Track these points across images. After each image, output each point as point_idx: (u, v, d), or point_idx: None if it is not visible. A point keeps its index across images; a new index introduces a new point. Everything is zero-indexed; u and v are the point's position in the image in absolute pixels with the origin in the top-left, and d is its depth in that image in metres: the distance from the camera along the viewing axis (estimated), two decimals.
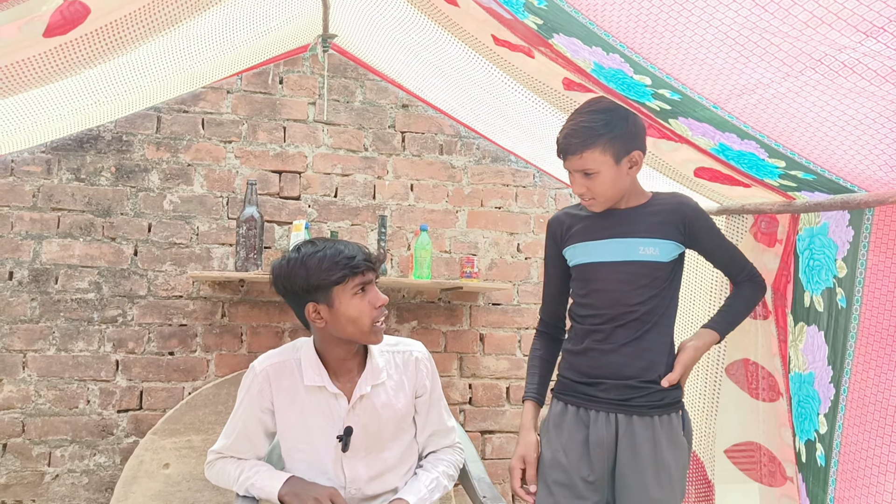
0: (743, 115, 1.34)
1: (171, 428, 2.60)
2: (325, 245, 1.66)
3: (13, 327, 2.64)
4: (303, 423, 1.74)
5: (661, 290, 1.69)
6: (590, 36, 1.32)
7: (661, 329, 1.70)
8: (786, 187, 1.68)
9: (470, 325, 3.04)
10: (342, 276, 1.62)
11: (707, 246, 1.75)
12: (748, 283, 1.77)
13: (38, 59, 1.50)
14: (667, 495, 1.63)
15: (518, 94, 2.09)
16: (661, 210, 1.71)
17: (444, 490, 1.83)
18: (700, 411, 2.10)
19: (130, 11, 1.53)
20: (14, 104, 1.86)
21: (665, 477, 1.63)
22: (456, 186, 3.07)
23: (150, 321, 2.75)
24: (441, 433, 1.90)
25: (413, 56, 2.39)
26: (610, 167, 1.61)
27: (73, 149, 2.73)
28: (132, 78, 2.16)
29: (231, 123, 2.88)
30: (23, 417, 2.62)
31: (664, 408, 1.66)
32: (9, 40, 1.35)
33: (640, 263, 1.67)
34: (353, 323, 1.64)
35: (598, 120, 1.59)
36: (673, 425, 1.67)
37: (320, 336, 1.72)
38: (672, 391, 1.67)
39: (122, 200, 2.76)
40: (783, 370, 1.86)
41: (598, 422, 1.68)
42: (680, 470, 1.66)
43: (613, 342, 1.69)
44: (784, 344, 1.83)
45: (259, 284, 2.83)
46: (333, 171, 2.96)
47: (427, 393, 1.84)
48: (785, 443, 1.88)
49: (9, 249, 2.65)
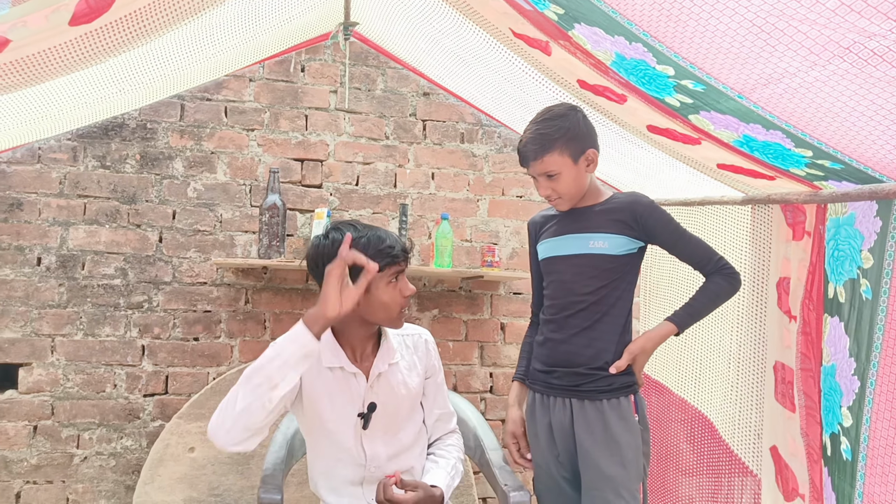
0: (769, 104, 1.32)
1: (195, 412, 2.64)
2: (367, 231, 1.69)
3: (42, 312, 2.69)
4: (324, 402, 1.76)
5: (610, 282, 1.82)
6: (612, 25, 1.31)
7: (610, 319, 1.83)
8: (812, 177, 1.65)
9: (491, 314, 3.04)
10: (384, 265, 1.65)
11: (666, 240, 1.85)
12: (716, 274, 1.83)
13: (64, 47, 1.52)
14: (620, 472, 1.76)
15: (539, 84, 2.08)
16: (614, 207, 1.85)
17: (460, 475, 1.89)
18: (745, 406, 2.09)
19: (154, 0, 1.54)
20: (41, 92, 1.89)
21: (617, 456, 1.77)
22: (477, 175, 3.06)
23: (176, 307, 2.79)
24: (445, 417, 1.95)
25: (434, 44, 2.38)
26: (569, 167, 1.78)
27: (98, 136, 2.77)
28: (156, 66, 2.18)
29: (253, 111, 2.89)
30: (52, 400, 2.68)
31: (612, 392, 1.80)
32: (36, 29, 1.37)
33: (589, 256, 1.82)
34: (384, 308, 1.70)
35: (552, 126, 1.77)
36: (622, 407, 1.80)
37: (346, 317, 1.73)
38: (621, 377, 1.80)
39: (147, 188, 2.79)
40: (802, 364, 1.83)
41: (556, 407, 1.85)
42: (633, 450, 1.78)
43: (565, 332, 1.85)
44: (805, 337, 1.80)
45: (281, 272, 2.86)
46: (355, 159, 2.97)
47: (435, 374, 1.91)
48: (798, 457, 1.84)
49: (37, 236, 2.70)
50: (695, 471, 2.39)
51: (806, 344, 1.81)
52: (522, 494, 1.93)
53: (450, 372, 2.98)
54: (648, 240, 1.85)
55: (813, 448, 1.77)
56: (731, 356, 2.17)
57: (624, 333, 1.85)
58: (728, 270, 1.82)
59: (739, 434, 2.13)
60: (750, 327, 2.09)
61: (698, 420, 2.38)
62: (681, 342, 2.49)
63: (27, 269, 2.68)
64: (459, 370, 3.00)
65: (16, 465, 2.64)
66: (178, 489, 2.58)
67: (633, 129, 1.98)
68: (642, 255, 1.87)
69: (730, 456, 2.17)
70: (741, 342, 2.12)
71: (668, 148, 1.98)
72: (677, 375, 2.55)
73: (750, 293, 2.08)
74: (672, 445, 2.58)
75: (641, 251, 1.86)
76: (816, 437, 1.76)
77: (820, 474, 1.73)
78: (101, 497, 2.69)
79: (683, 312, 1.83)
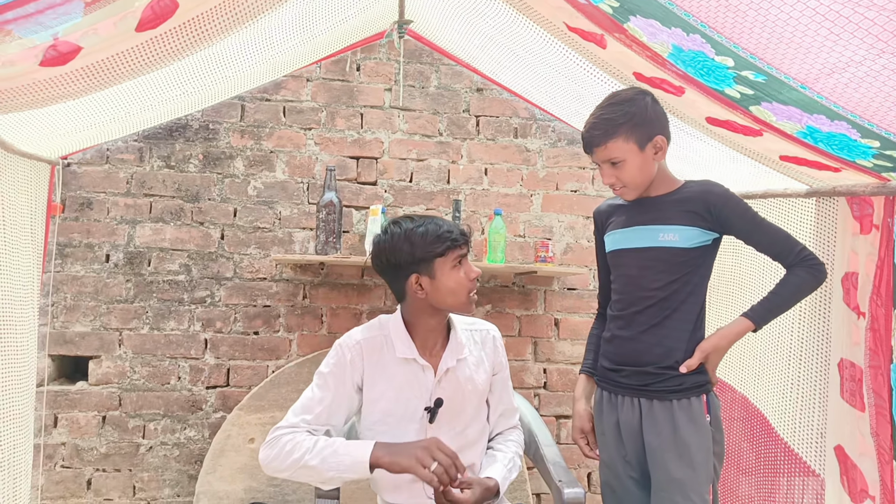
0: (833, 94, 1.28)
1: (255, 404, 2.71)
2: (425, 220, 1.73)
3: (110, 307, 2.80)
4: (391, 396, 1.76)
5: (681, 277, 1.74)
6: (669, 17, 1.29)
7: (681, 316, 1.76)
8: (880, 168, 1.60)
9: (545, 310, 3.03)
10: (445, 249, 1.69)
11: (742, 230, 1.76)
12: (798, 266, 1.72)
13: (131, 52, 1.58)
14: (688, 475, 1.70)
15: (594, 77, 2.06)
16: (686, 197, 1.76)
17: (518, 470, 1.88)
18: (806, 405, 2.03)
19: (216, 5, 1.58)
20: (109, 96, 1.97)
21: (686, 458, 1.71)
22: (530, 170, 3.05)
23: (236, 302, 2.87)
24: (508, 413, 1.95)
25: (488, 40, 2.38)
26: (635, 154, 1.71)
27: (163, 137, 2.86)
28: (217, 68, 2.24)
29: (311, 111, 2.94)
30: (119, 392, 2.79)
31: (682, 392, 1.73)
32: (106, 36, 1.42)
33: (659, 249, 1.75)
34: (452, 294, 1.72)
35: (617, 111, 1.69)
36: (693, 408, 1.73)
37: (416, 308, 1.77)
38: (692, 376, 1.73)
39: (209, 186, 2.88)
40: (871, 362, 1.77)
41: (625, 406, 1.81)
42: (703, 451, 1.71)
43: (633, 329, 1.79)
44: (874, 334, 1.74)
45: (338, 267, 2.91)
46: (409, 156, 2.99)
47: (502, 370, 1.91)
48: (869, 456, 1.77)
49: (106, 234, 2.81)
50: (754, 470, 2.34)
51: (875, 341, 1.74)
52: (577, 491, 1.92)
53: None
54: (723, 231, 1.76)
55: (884, 448, 1.71)
56: (793, 353, 2.10)
57: (696, 330, 1.77)
58: (812, 262, 1.71)
59: (801, 433, 2.07)
60: (813, 324, 2.02)
61: (757, 418, 2.33)
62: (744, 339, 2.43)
63: (96, 266, 2.80)
64: (513, 366, 2.99)
65: (87, 453, 2.75)
66: (238, 479, 2.66)
67: (692, 121, 1.94)
68: (717, 247, 1.79)
69: (789, 455, 2.12)
70: (803, 339, 2.05)
71: (728, 140, 1.94)
72: (739, 372, 2.49)
73: None
74: (734, 444, 2.53)
75: (716, 243, 1.78)
76: (887, 437, 1.69)
77: (892, 475, 1.67)
78: (166, 486, 2.79)
79: (761, 308, 1.73)
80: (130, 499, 2.76)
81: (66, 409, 2.75)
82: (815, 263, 1.72)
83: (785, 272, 1.75)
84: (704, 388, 1.75)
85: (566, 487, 1.93)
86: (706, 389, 1.75)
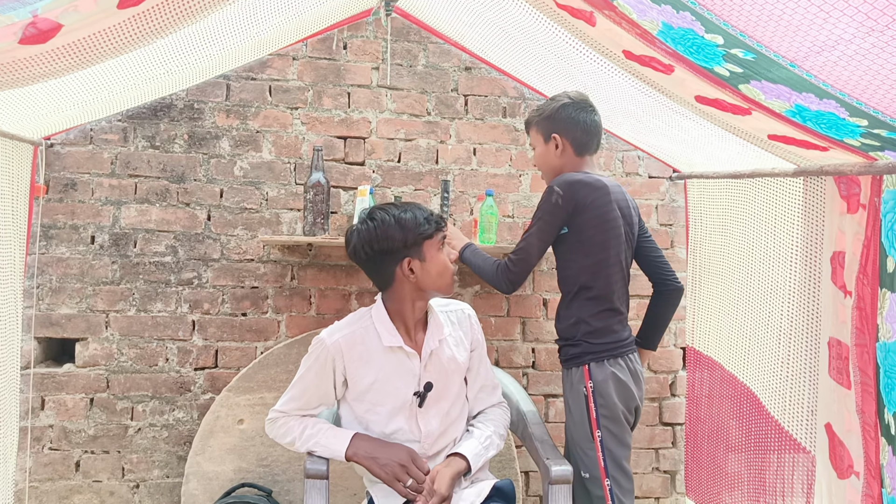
0: (822, 73, 1.28)
1: (244, 385, 2.71)
2: (406, 206, 1.79)
3: (96, 289, 2.78)
4: (379, 386, 1.79)
5: (559, 262, 2.14)
6: None
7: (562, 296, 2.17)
8: (868, 147, 1.60)
9: (533, 290, 3.03)
10: (433, 230, 1.77)
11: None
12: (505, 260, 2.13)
13: (113, 29, 1.55)
14: (570, 427, 2.09)
15: (583, 55, 2.05)
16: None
17: (496, 448, 1.92)
18: (797, 383, 2.05)
19: None
20: (92, 75, 1.93)
21: (569, 417, 2.09)
22: (519, 150, 3.04)
23: (224, 283, 2.85)
24: (488, 388, 1.99)
25: (476, 17, 2.36)
26: (541, 144, 2.16)
27: (147, 117, 2.82)
28: (201, 46, 2.21)
29: (297, 90, 2.91)
30: (107, 374, 2.78)
31: (566, 362, 2.12)
32: (86, 13, 1.39)
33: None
34: (440, 275, 1.79)
35: (542, 106, 2.15)
36: (573, 377, 2.07)
37: (402, 294, 1.81)
38: (568, 349, 2.10)
39: (195, 167, 2.85)
40: (857, 340, 1.78)
41: None
42: (579, 412, 2.04)
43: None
44: (860, 312, 1.75)
45: (326, 248, 2.89)
46: (397, 136, 2.97)
47: (479, 346, 1.97)
48: (854, 433, 1.80)
49: (90, 215, 2.78)
50: (743, 447, 2.36)
51: (861, 319, 1.76)
52: (564, 468, 1.94)
53: (492, 347, 2.99)
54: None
55: (869, 425, 1.72)
56: (783, 332, 2.12)
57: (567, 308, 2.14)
58: (505, 265, 2.11)
59: (791, 411, 2.09)
60: (802, 303, 2.04)
61: (746, 396, 2.35)
62: (732, 318, 2.45)
63: (82, 248, 2.77)
64: (501, 346, 3.00)
65: (75, 435, 2.75)
66: (227, 459, 2.66)
67: (681, 99, 1.93)
68: (576, 236, 2.05)
69: (779, 433, 2.14)
70: (793, 318, 2.07)
71: (717, 119, 1.93)
72: (728, 352, 2.51)
73: (802, 268, 2.03)
74: (720, 421, 2.55)
75: (570, 234, 2.06)
76: (872, 414, 1.71)
77: (876, 452, 1.69)
78: (155, 467, 2.79)
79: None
80: (119, 480, 2.76)
81: (53, 391, 2.74)
82: (504, 269, 2.10)
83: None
84: (583, 361, 2.04)
85: (553, 465, 1.94)
86: (583, 361, 2.04)
